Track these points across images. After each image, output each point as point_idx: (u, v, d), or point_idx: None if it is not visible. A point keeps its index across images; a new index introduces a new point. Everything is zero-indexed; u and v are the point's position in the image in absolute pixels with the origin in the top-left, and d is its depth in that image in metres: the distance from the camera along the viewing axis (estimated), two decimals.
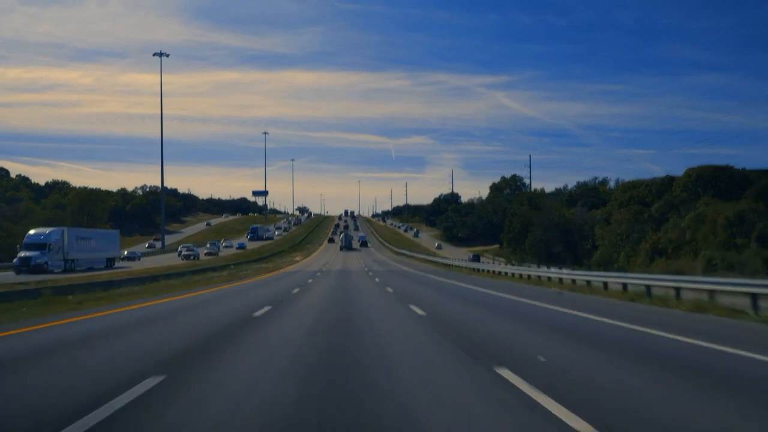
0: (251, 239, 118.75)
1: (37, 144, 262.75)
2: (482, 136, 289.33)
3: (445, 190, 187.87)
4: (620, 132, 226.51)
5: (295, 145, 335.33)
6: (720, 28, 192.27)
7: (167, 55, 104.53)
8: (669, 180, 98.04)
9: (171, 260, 63.78)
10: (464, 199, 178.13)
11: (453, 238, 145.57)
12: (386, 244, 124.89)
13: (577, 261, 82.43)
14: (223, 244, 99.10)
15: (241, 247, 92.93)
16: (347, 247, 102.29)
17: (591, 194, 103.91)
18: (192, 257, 69.90)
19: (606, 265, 71.15)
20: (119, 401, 5.62)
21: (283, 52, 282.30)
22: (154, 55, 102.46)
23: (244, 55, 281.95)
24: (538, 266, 62.36)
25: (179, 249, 78.84)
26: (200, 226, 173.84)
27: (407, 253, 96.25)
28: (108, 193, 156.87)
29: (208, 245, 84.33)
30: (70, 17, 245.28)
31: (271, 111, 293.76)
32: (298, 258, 74.22)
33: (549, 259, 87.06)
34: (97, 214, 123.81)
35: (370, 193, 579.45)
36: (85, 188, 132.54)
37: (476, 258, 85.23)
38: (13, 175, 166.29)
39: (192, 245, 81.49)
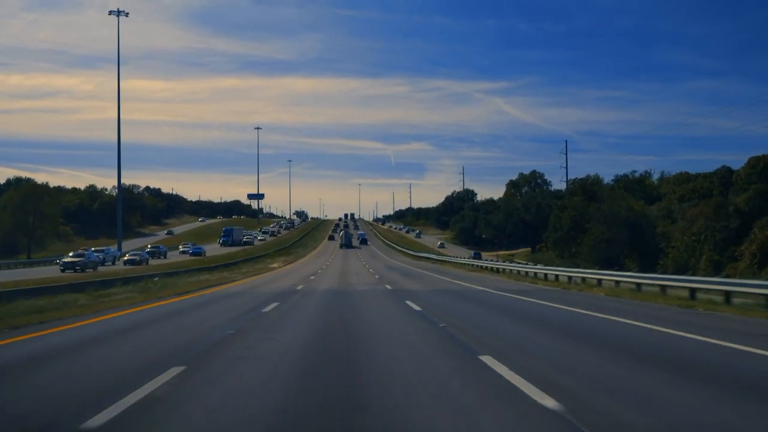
0: (224, 244, 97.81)
1: (37, 150, 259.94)
2: (481, 142, 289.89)
3: (445, 194, 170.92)
4: (619, 138, 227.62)
5: (294, 152, 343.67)
6: (719, 34, 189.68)
7: (126, 14, 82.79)
8: (727, 171, 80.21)
9: (50, 272, 41.50)
10: (479, 198, 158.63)
11: (471, 240, 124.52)
12: (395, 246, 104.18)
13: (647, 266, 61.22)
14: (181, 249, 79.74)
15: (198, 252, 72.71)
16: (347, 244, 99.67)
17: (635, 188, 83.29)
18: (139, 261, 55.21)
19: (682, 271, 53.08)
20: None
21: (282, 59, 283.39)
22: (110, 13, 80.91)
23: (243, 61, 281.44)
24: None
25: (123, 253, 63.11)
26: (184, 228, 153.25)
27: (432, 257, 75.40)
28: (60, 189, 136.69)
29: (143, 251, 65.57)
30: (70, 24, 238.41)
31: (271, 117, 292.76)
32: (275, 265, 53.18)
33: (608, 263, 64.66)
34: (47, 213, 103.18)
35: (370, 199, 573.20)
36: (32, 182, 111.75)
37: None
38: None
39: (141, 251, 63.84)
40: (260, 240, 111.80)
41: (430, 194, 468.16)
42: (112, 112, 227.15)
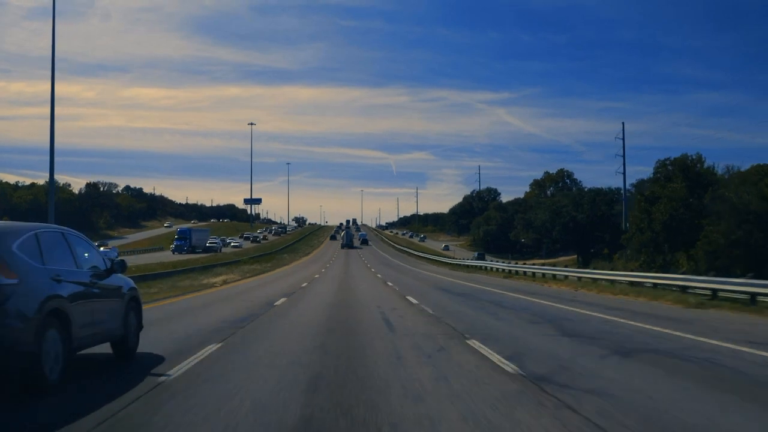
0: (178, 250, 74.69)
1: (39, 157, 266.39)
2: (483, 153, 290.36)
3: (447, 204, 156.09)
4: (621, 149, 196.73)
5: (295, 160, 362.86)
6: (721, 47, 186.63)
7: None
8: None
9: None
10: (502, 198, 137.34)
11: (499, 246, 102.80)
12: (407, 250, 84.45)
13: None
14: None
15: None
16: (348, 245, 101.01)
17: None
18: None
19: None
20: None
21: (283, 68, 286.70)
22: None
23: (245, 70, 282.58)
24: None
25: None
26: (153, 233, 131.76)
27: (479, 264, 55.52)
28: (16, 185, 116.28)
29: None
30: (73, 32, 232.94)
31: (272, 126, 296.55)
32: (220, 279, 31.01)
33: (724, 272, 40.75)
34: None
35: (372, 208, 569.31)
36: None
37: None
38: None
39: None
40: (235, 246, 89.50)
41: (431, 204, 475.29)
42: (114, 120, 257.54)
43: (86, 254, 7.90)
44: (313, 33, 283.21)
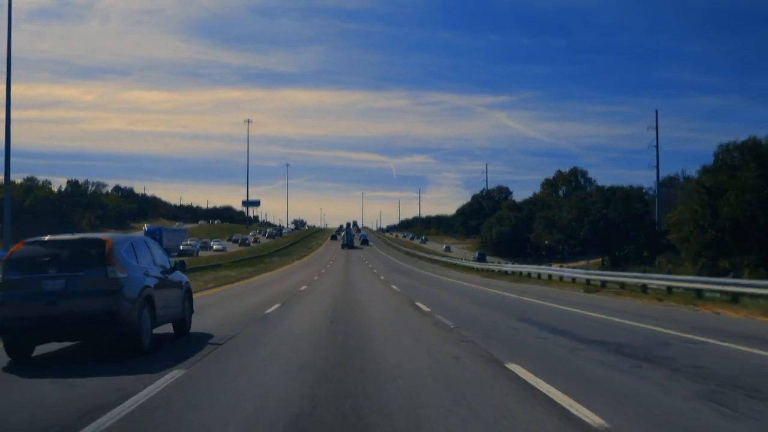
0: None
1: (39, 161, 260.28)
2: (484, 156, 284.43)
3: (448, 208, 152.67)
4: (620, 152, 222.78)
5: (295, 163, 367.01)
6: (720, 51, 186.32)
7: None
8: None
9: None
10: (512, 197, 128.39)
11: (511, 248, 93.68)
12: (416, 252, 74.84)
13: None
14: None
15: None
16: (348, 244, 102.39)
17: None
18: None
19: None
20: None
21: (284, 71, 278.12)
22: None
23: (246, 73, 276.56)
24: None
25: None
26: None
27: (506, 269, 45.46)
28: None
29: None
30: (72, 34, 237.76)
31: (272, 129, 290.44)
32: None
33: None
34: None
35: (372, 211, 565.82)
36: None
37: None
38: None
39: None
40: (218, 249, 77.59)
41: (432, 208, 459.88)
42: (115, 123, 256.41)
43: (159, 255, 10.78)
44: (314, 36, 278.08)
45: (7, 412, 5.96)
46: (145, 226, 74.41)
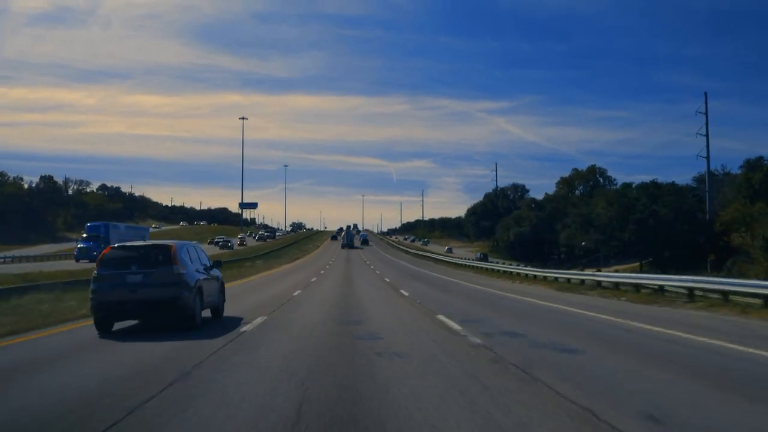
0: (84, 255, 49.80)
1: (40, 164, 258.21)
2: (483, 161, 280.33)
3: (448, 212, 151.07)
4: (620, 157, 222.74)
5: (295, 168, 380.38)
6: (719, 56, 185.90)
7: None
8: None
9: None
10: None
11: (526, 253, 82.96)
12: (427, 254, 64.90)
13: None
14: None
15: None
16: (348, 244, 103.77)
17: None
18: None
19: None
20: None
21: (284, 76, 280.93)
22: None
23: (246, 78, 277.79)
24: None
25: None
26: None
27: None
28: None
29: None
30: (74, 38, 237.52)
31: (272, 134, 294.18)
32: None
33: None
34: None
35: (373, 215, 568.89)
36: None
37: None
38: None
39: None
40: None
41: (432, 211, 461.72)
42: (115, 126, 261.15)
43: (203, 257, 14.17)
44: (313, 41, 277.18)
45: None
46: (88, 224, 58.75)
